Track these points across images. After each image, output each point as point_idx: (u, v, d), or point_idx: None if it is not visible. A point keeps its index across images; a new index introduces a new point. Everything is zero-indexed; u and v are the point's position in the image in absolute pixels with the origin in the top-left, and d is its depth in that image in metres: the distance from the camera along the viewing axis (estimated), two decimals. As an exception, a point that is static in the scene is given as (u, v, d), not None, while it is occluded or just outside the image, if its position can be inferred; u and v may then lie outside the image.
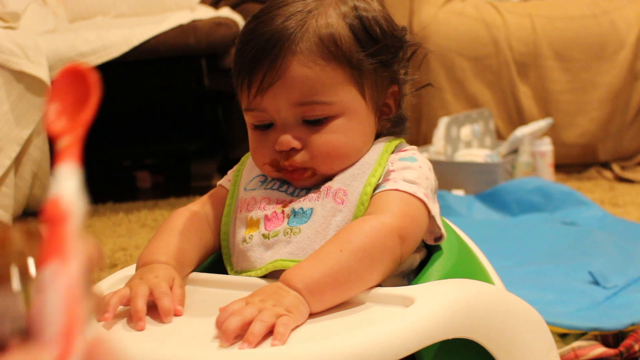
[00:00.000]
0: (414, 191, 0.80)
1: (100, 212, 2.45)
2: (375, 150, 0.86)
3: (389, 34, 0.86)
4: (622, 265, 1.60)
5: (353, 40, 0.83)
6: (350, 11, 0.84)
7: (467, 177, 2.44)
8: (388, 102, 0.89)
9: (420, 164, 0.85)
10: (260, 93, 0.83)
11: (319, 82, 0.82)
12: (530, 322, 0.81)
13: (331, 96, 0.82)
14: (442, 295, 0.71)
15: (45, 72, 2.29)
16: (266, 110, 0.84)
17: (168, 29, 2.46)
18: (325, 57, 0.82)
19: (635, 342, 1.21)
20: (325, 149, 0.83)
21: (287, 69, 0.81)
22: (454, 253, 0.86)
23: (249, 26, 0.86)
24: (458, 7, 2.91)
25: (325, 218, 0.81)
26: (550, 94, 2.82)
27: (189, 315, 0.75)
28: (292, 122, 0.83)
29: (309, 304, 0.71)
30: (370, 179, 0.82)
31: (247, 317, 0.66)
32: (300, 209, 0.82)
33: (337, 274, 0.72)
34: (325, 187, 0.83)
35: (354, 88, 0.84)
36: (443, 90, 2.86)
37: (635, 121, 2.84)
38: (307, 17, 0.83)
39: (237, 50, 0.86)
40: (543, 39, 2.82)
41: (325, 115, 0.83)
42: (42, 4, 2.87)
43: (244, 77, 0.84)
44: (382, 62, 0.85)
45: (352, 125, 0.84)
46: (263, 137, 0.85)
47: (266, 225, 0.83)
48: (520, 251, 1.77)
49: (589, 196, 2.28)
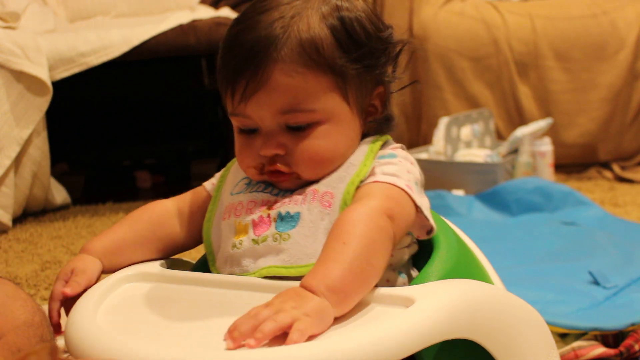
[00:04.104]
0: (393, 181, 0.81)
1: (100, 212, 2.45)
2: (360, 151, 0.85)
3: (373, 35, 0.85)
4: (622, 265, 1.60)
5: (335, 46, 0.82)
6: (332, 12, 0.83)
7: (467, 177, 2.44)
8: (374, 103, 0.88)
9: (400, 160, 0.84)
10: (243, 101, 0.82)
11: (302, 90, 0.81)
12: (531, 323, 0.81)
13: (314, 104, 0.82)
14: (442, 296, 0.71)
15: (45, 72, 2.29)
16: (250, 117, 0.83)
17: (168, 29, 2.46)
18: (307, 65, 0.81)
19: (636, 342, 1.21)
20: (308, 155, 0.83)
21: (269, 77, 0.80)
22: (454, 253, 0.86)
23: (231, 31, 0.85)
24: (458, 7, 2.91)
25: (314, 222, 0.80)
26: (550, 94, 2.82)
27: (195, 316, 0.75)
28: (276, 128, 0.83)
29: (335, 306, 0.69)
30: (354, 178, 0.82)
31: (260, 319, 0.66)
32: (287, 213, 0.82)
33: (351, 266, 0.71)
34: (311, 190, 0.83)
35: (337, 94, 0.83)
36: (443, 90, 2.86)
37: (635, 121, 2.84)
38: (290, 23, 0.81)
39: (221, 57, 0.86)
40: (543, 39, 2.81)
41: (309, 122, 0.82)
42: (42, 4, 2.87)
43: (228, 83, 0.84)
44: (366, 66, 0.84)
45: (336, 131, 0.83)
46: (248, 141, 0.85)
47: (255, 230, 0.83)
48: (520, 251, 1.77)
49: (589, 196, 2.28)
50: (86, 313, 0.76)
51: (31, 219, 2.40)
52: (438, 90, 2.86)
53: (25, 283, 1.73)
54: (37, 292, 1.67)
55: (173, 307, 0.79)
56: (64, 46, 2.36)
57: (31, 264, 1.89)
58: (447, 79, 2.85)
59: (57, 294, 0.86)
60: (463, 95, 2.86)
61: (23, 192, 2.33)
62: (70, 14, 3.04)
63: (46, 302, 1.60)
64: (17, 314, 0.90)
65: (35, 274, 1.80)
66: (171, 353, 0.65)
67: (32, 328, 0.90)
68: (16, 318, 0.90)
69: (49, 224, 2.32)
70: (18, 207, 2.33)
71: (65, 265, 0.89)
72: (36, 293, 1.66)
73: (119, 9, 3.08)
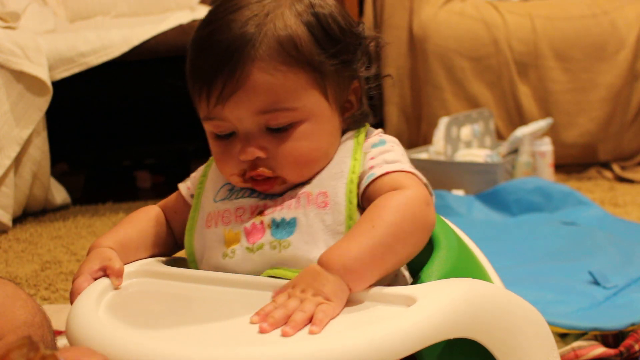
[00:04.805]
0: (401, 167, 0.81)
1: (100, 212, 2.45)
2: (346, 147, 0.85)
3: (347, 31, 0.84)
4: (622, 265, 1.60)
5: (313, 42, 0.81)
6: (306, 9, 0.82)
7: (467, 177, 2.44)
8: (350, 99, 0.87)
9: (391, 144, 0.85)
10: (220, 103, 0.80)
11: (282, 89, 0.79)
12: (532, 322, 0.81)
13: (294, 102, 0.80)
14: (444, 295, 0.71)
15: (45, 72, 2.29)
16: (227, 119, 0.81)
17: (168, 29, 2.46)
18: (286, 62, 0.79)
19: (636, 342, 1.21)
20: (292, 157, 0.81)
21: (248, 77, 0.78)
22: (454, 253, 0.86)
23: (201, 33, 0.83)
24: (458, 7, 2.91)
25: (312, 227, 0.80)
26: (550, 94, 2.82)
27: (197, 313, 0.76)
28: (256, 130, 0.81)
29: (349, 284, 0.72)
30: (351, 175, 0.81)
31: (290, 309, 0.68)
32: (282, 220, 0.81)
33: (373, 249, 0.73)
34: (304, 193, 0.82)
35: (317, 91, 0.82)
36: (443, 90, 2.86)
37: (635, 121, 2.84)
38: (265, 21, 0.80)
39: (193, 59, 0.83)
40: (543, 39, 2.81)
41: (290, 122, 0.81)
42: (42, 4, 2.87)
43: (202, 86, 0.81)
44: (343, 62, 0.84)
45: (318, 129, 0.82)
46: (226, 147, 0.83)
47: (248, 238, 0.82)
48: (520, 251, 1.77)
49: (589, 196, 2.28)
50: (88, 308, 0.76)
51: (31, 219, 2.40)
52: (438, 90, 2.86)
53: (25, 283, 1.73)
54: (37, 292, 1.67)
55: (175, 304, 0.80)
56: (64, 46, 2.36)
57: (31, 264, 1.89)
58: (447, 79, 2.85)
59: (79, 289, 0.82)
60: (463, 95, 2.86)
61: (23, 192, 2.33)
62: (70, 14, 3.04)
63: (46, 302, 1.60)
64: (17, 314, 0.90)
65: (35, 274, 1.80)
66: (172, 348, 0.65)
67: (32, 328, 0.90)
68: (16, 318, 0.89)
69: (49, 224, 2.32)
70: (18, 207, 2.33)
71: (84, 264, 0.85)
72: (36, 293, 1.66)
73: (119, 9, 3.07)
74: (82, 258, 1.88)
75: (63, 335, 0.96)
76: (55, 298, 1.63)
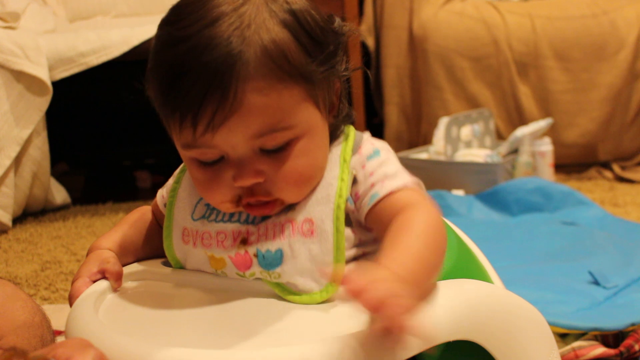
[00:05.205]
0: (404, 183, 0.78)
1: (100, 212, 2.45)
2: (331, 163, 0.80)
3: (327, 30, 0.79)
4: (622, 265, 1.60)
5: (300, 49, 0.74)
6: (281, 7, 0.75)
7: (467, 177, 2.44)
8: (333, 100, 0.82)
9: (385, 154, 0.81)
10: (210, 131, 0.72)
11: (278, 109, 0.73)
12: (532, 322, 0.81)
13: (291, 120, 0.74)
14: (443, 297, 0.71)
15: (45, 72, 2.29)
16: (217, 147, 0.74)
17: (168, 29, 2.46)
18: (280, 78, 0.73)
19: (636, 342, 1.21)
20: (292, 178, 0.76)
21: (242, 100, 0.71)
22: (453, 253, 0.86)
23: (174, 51, 0.73)
24: (458, 7, 2.91)
25: (299, 257, 0.76)
26: (550, 94, 2.82)
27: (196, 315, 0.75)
28: (250, 154, 0.75)
29: None
30: (338, 200, 0.77)
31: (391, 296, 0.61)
32: (267, 251, 0.77)
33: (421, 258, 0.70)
34: (287, 220, 0.77)
35: (310, 103, 0.76)
36: (443, 90, 2.86)
37: (635, 121, 2.84)
38: (248, 34, 0.72)
39: (168, 82, 0.74)
40: (543, 39, 2.81)
41: (286, 141, 0.75)
42: (42, 4, 2.87)
43: (185, 113, 0.73)
44: (331, 66, 0.78)
45: (314, 144, 0.77)
46: (214, 174, 0.76)
47: (237, 267, 0.79)
48: (520, 251, 1.77)
49: (589, 196, 2.28)
50: (87, 311, 0.76)
51: (31, 219, 2.40)
52: (438, 90, 2.86)
53: (25, 283, 1.73)
54: (37, 292, 1.67)
55: (174, 306, 0.79)
56: (64, 46, 2.36)
57: (31, 264, 1.89)
58: (447, 79, 2.85)
59: (78, 292, 0.81)
60: (463, 95, 2.86)
61: (23, 192, 2.33)
62: (70, 14, 3.04)
63: (46, 302, 1.60)
64: (17, 314, 0.90)
65: (35, 274, 1.80)
66: (171, 350, 0.65)
67: (32, 329, 0.90)
68: (16, 319, 0.90)
69: (49, 224, 2.32)
70: (18, 207, 2.33)
71: (83, 267, 0.85)
72: (36, 293, 1.66)
73: (119, 9, 3.07)
74: (82, 258, 1.88)
75: (63, 336, 0.96)
76: (55, 298, 1.63)
